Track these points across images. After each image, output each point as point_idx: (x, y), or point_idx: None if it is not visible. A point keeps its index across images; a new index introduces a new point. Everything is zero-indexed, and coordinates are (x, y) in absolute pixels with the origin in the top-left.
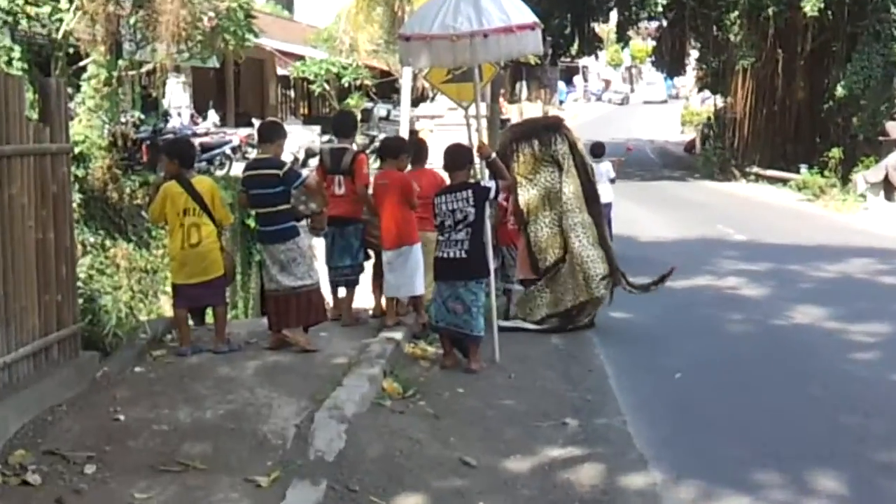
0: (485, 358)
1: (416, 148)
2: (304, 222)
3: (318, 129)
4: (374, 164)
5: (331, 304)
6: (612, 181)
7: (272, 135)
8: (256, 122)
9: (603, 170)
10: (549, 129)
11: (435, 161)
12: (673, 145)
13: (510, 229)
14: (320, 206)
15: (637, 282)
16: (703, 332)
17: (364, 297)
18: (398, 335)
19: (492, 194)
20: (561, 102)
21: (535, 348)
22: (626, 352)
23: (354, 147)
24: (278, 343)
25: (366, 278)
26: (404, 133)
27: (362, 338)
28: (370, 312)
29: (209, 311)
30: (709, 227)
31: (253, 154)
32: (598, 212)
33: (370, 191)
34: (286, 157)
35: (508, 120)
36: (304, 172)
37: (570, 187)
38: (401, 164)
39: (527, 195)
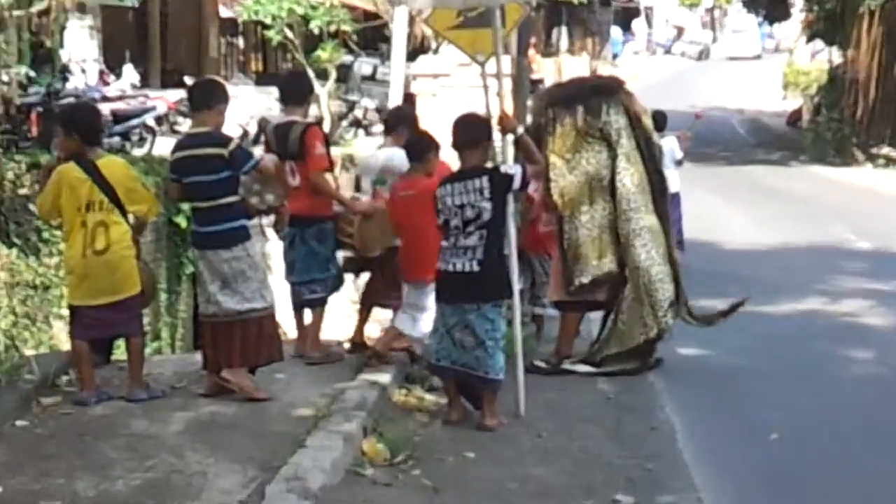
0: (505, 410)
1: (402, 116)
2: (256, 221)
3: (275, 92)
4: (358, 141)
5: (291, 334)
6: (679, 163)
7: (211, 99)
8: (190, 82)
9: (666, 148)
10: (601, 93)
11: (440, 139)
12: (770, 116)
13: (542, 232)
14: (280, 199)
15: (701, 311)
16: (810, 375)
17: (339, 324)
18: (385, 377)
19: (516, 184)
20: (615, 56)
21: (575, 397)
22: (701, 401)
23: (316, 118)
24: (217, 388)
25: (341, 298)
26: (396, 98)
27: (335, 381)
28: (346, 345)
29: (120, 343)
30: (819, 231)
31: (186, 126)
32: (666, 212)
33: (382, 196)
34: (231, 130)
35: (542, 80)
36: (258, 152)
37: (631, 177)
38: (430, 167)
39: (562, 181)
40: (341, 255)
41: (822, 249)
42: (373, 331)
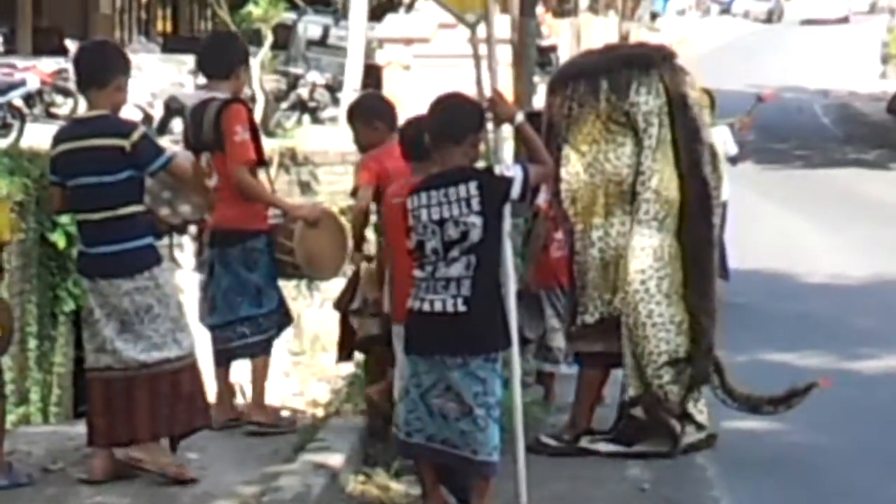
0: None
1: (370, 103)
2: (165, 241)
3: (190, 61)
4: (303, 130)
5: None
6: (734, 161)
7: (106, 71)
8: (73, 47)
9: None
10: (633, 65)
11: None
12: (864, 100)
13: (555, 258)
14: (200, 211)
15: (743, 387)
16: None
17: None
18: (336, 459)
19: (515, 191)
20: (654, 17)
21: (597, 487)
22: (768, 494)
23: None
24: (109, 471)
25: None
26: (355, 69)
27: (267, 462)
28: (299, 414)
29: None
30: None
31: (66, 108)
32: (706, 236)
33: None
34: (129, 112)
35: (554, 48)
36: (170, 146)
37: (658, 179)
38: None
39: (575, 182)
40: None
41: None
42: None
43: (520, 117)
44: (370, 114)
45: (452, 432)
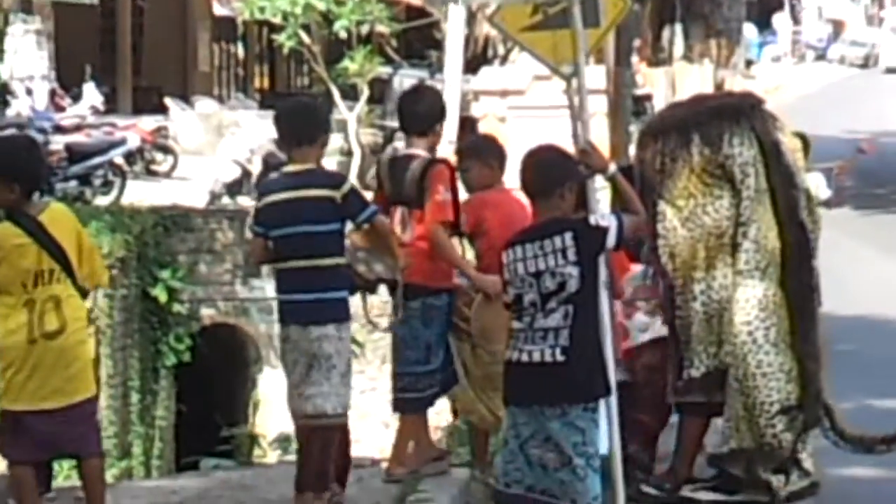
0: None
1: (481, 145)
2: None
3: None
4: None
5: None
6: (827, 206)
7: (314, 130)
8: (173, 105)
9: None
10: (724, 116)
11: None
12: None
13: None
14: (393, 271)
15: (855, 428)
16: None
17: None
18: None
19: (611, 241)
20: (749, 64)
21: None
22: None
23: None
24: None
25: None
26: (450, 122)
27: None
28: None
29: (65, 464)
30: None
31: (167, 165)
32: (807, 281)
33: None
34: (229, 168)
35: (649, 97)
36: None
37: (757, 228)
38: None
39: (673, 238)
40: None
41: None
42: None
43: (612, 168)
44: (486, 153)
45: (552, 482)
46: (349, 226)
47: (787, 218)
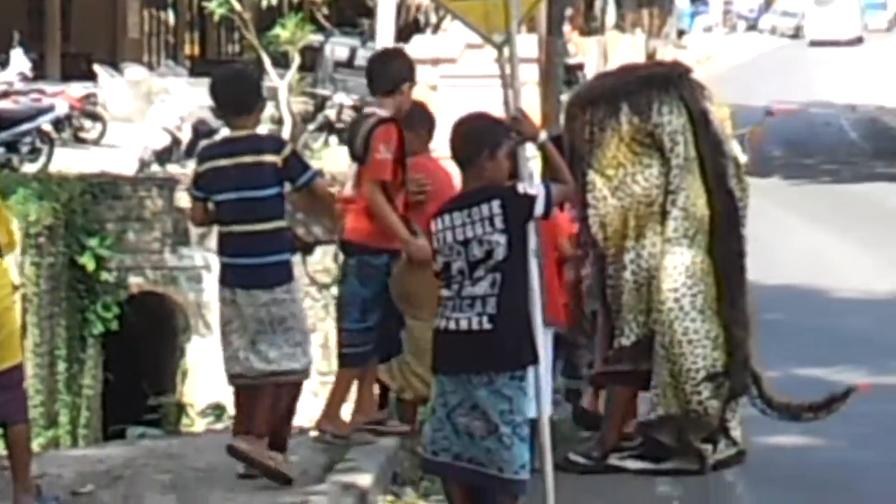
0: None
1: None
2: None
3: None
4: (330, 151)
5: None
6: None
7: (252, 99)
8: (102, 72)
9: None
10: (653, 85)
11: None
12: (893, 115)
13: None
14: (331, 233)
15: (782, 396)
16: None
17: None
18: (365, 479)
19: (539, 209)
20: (681, 34)
21: None
22: None
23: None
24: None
25: None
26: None
27: (296, 483)
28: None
29: None
30: None
31: (95, 133)
32: (736, 248)
33: None
34: (158, 135)
35: (581, 66)
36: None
37: (686, 196)
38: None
39: (603, 207)
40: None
41: None
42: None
43: (543, 136)
44: (413, 120)
45: (479, 451)
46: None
47: (716, 186)
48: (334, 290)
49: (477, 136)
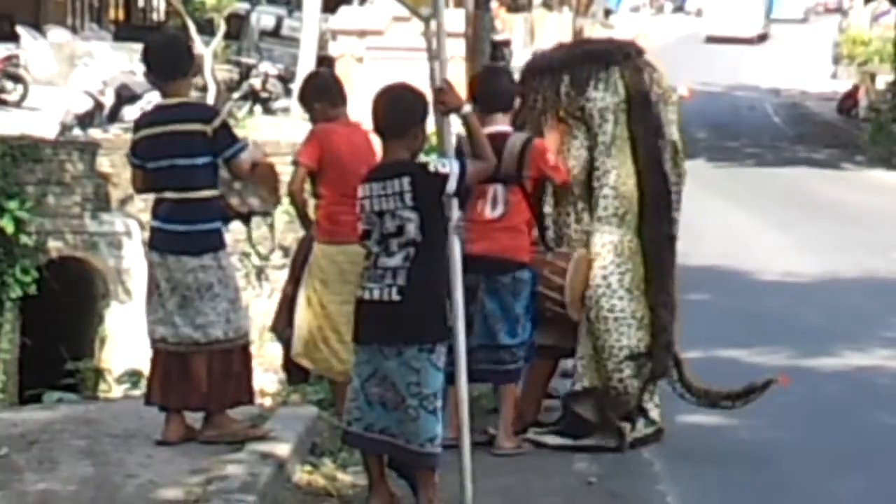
0: (448, 498)
1: (327, 83)
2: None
3: (140, 50)
4: (255, 120)
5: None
6: None
7: (182, 63)
8: (25, 34)
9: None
10: (595, 59)
11: (362, 114)
12: (815, 100)
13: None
14: (266, 205)
15: (701, 382)
16: (868, 457)
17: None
18: (283, 448)
19: (451, 186)
20: (608, 13)
21: (543, 481)
22: (716, 491)
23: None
24: (181, 434)
25: None
26: (308, 61)
27: (213, 453)
28: None
29: None
30: (879, 257)
31: (16, 95)
32: (665, 231)
33: None
34: (80, 99)
35: (507, 42)
36: (123, 134)
37: (616, 176)
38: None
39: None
40: None
41: (883, 284)
42: None
43: (467, 108)
44: (311, 97)
45: (390, 421)
46: None
47: (649, 167)
48: (254, 261)
49: (401, 108)
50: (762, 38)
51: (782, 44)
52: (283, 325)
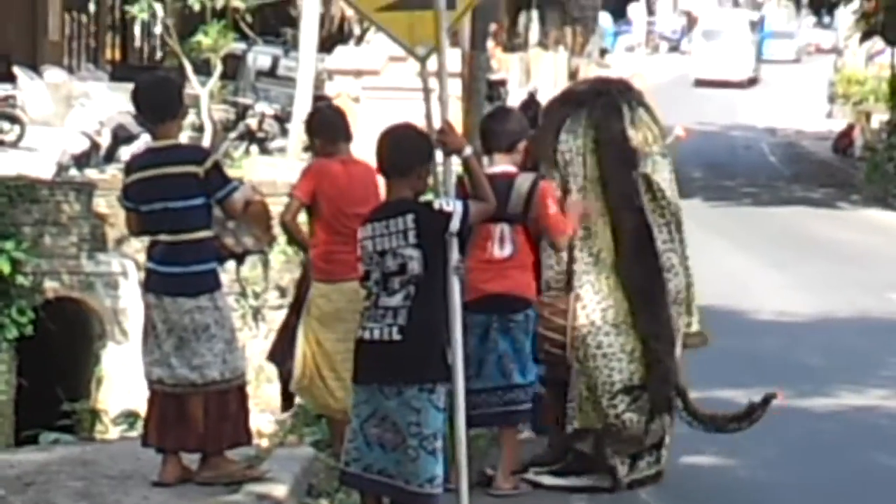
0: None
1: (328, 119)
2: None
3: None
4: (251, 160)
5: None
6: None
7: (172, 106)
8: (22, 74)
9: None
10: (568, 103)
11: (364, 152)
12: (811, 139)
13: None
14: (260, 244)
15: (707, 409)
16: (866, 497)
17: None
18: (280, 490)
19: (454, 226)
20: (604, 53)
21: None
22: None
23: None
24: (178, 475)
25: None
26: (304, 101)
27: (210, 493)
28: None
29: None
30: (875, 297)
31: (12, 135)
32: (650, 265)
33: None
34: (76, 140)
35: (504, 82)
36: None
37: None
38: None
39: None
40: None
41: (879, 324)
42: None
43: (468, 150)
44: (314, 131)
45: (388, 462)
46: None
47: (621, 204)
48: (250, 301)
49: (410, 147)
50: (752, 81)
51: (774, 86)
52: (280, 354)
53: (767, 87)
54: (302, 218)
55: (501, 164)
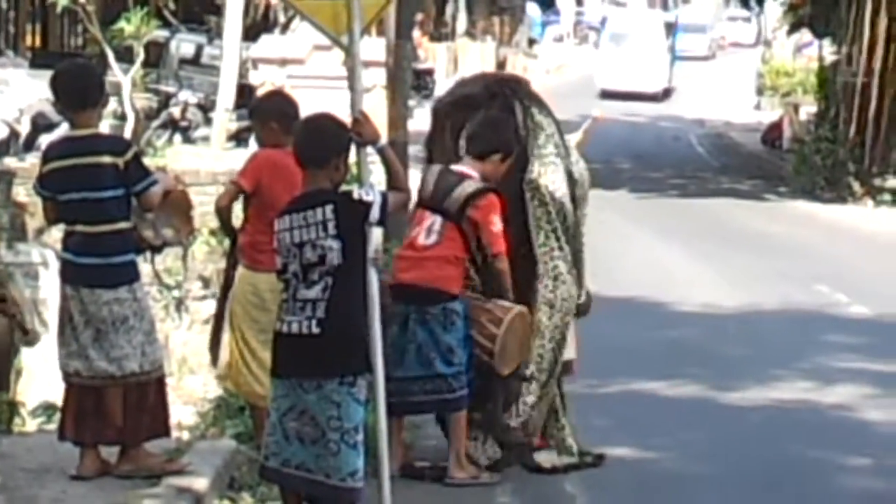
0: None
1: (284, 107)
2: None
3: None
4: (174, 149)
5: None
6: None
7: (92, 92)
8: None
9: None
10: (467, 103)
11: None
12: (739, 131)
13: None
14: (179, 236)
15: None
16: (787, 487)
17: None
18: (201, 483)
19: (374, 215)
20: (532, 43)
21: None
22: None
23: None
24: (97, 468)
25: None
26: (228, 89)
27: (129, 486)
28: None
29: None
30: (803, 290)
31: None
32: (524, 275)
33: None
34: None
35: (431, 72)
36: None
37: None
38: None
39: None
40: None
41: (806, 315)
42: None
43: (382, 141)
44: (269, 114)
45: (307, 456)
46: None
47: (510, 209)
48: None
49: (328, 138)
50: (667, 93)
51: (689, 88)
52: (213, 343)
53: (684, 87)
54: None
55: (466, 166)
